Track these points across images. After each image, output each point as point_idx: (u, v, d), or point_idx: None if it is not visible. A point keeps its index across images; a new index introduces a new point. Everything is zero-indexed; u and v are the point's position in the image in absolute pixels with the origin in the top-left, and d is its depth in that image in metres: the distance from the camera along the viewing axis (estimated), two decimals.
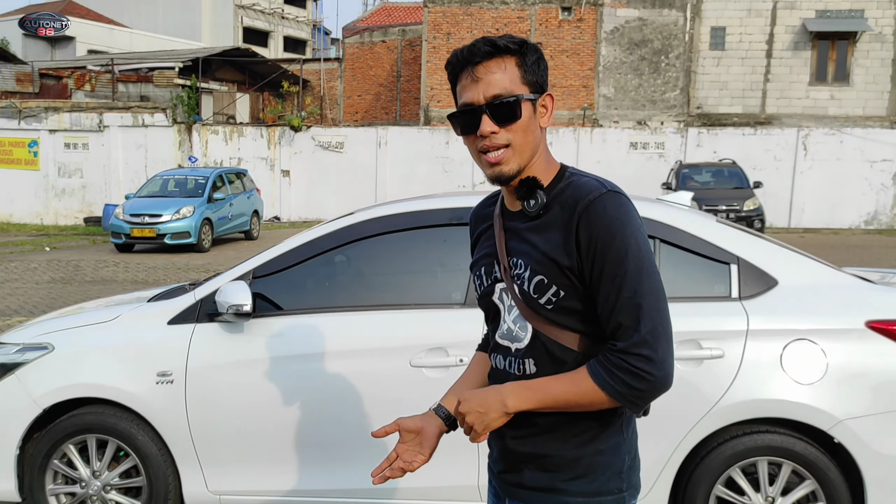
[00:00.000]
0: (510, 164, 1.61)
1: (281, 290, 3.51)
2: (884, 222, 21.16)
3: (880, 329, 3.12)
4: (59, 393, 3.52)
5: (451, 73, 1.65)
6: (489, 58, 1.59)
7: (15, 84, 25.67)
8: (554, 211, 1.61)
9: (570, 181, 1.64)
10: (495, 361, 1.74)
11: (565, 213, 1.59)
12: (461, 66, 1.62)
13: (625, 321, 1.52)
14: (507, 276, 1.67)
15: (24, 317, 8.63)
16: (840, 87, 23.96)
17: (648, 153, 21.88)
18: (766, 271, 3.27)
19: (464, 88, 1.62)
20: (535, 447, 1.65)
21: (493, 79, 1.58)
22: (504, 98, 1.58)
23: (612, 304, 1.53)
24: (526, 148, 1.62)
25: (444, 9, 25.11)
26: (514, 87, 1.59)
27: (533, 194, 1.63)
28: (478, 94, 1.59)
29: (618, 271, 1.53)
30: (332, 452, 3.36)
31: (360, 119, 30.11)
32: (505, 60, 1.59)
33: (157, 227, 15.45)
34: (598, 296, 1.55)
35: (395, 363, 3.26)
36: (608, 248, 1.53)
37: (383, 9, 37.11)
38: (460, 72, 1.63)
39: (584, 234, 1.55)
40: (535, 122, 1.63)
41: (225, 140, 23.08)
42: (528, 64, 1.61)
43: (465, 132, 1.63)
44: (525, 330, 1.66)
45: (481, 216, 1.83)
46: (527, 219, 1.65)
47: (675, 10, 24.30)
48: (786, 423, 3.16)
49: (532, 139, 1.62)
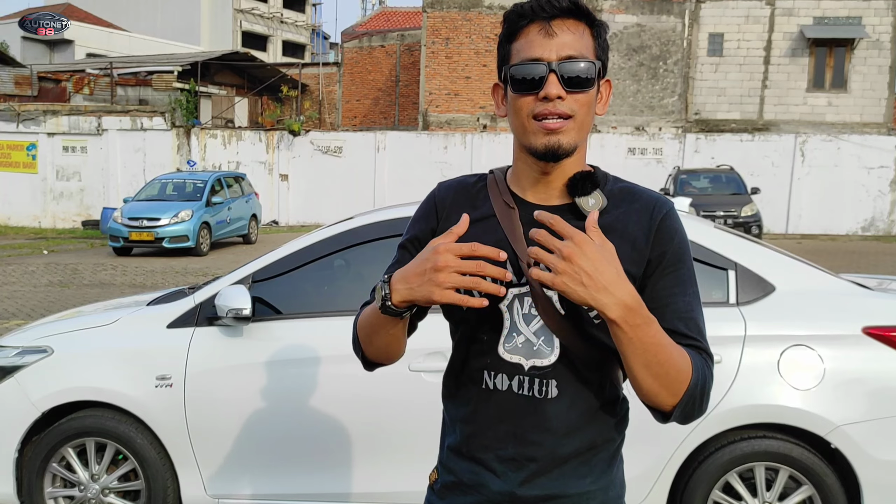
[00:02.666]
0: (570, 135, 1.39)
1: (280, 294, 3.52)
2: (881, 228, 21.20)
3: (877, 335, 3.13)
4: (58, 396, 3.53)
5: (513, 25, 1.41)
6: (569, 16, 1.39)
7: (13, 87, 25.67)
8: (615, 214, 1.43)
9: (621, 184, 1.48)
10: (494, 381, 1.44)
11: (637, 221, 1.42)
12: (529, 17, 1.39)
13: (689, 332, 1.40)
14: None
15: (22, 320, 8.63)
16: (837, 94, 24.03)
17: (646, 159, 21.92)
18: (764, 277, 3.29)
19: (530, 43, 1.38)
20: (548, 488, 1.42)
21: (570, 39, 1.38)
22: (580, 61, 1.37)
23: (675, 315, 1.40)
24: (585, 126, 1.41)
25: (442, 14, 25.16)
26: (589, 55, 1.40)
27: (591, 191, 1.43)
28: (550, 51, 1.37)
29: (688, 289, 1.43)
30: (330, 456, 3.37)
31: (359, 123, 30.14)
32: (582, 26, 1.41)
33: (155, 230, 15.44)
34: (659, 306, 1.39)
35: (393, 367, 3.25)
36: (679, 264, 1.44)
37: (382, 13, 37.18)
38: (527, 24, 1.39)
39: (658, 245, 1.42)
40: (595, 104, 1.44)
41: (223, 144, 23.09)
42: (602, 38, 1.43)
43: (523, 90, 1.39)
44: (551, 345, 1.41)
45: (461, 203, 1.52)
46: (577, 217, 1.40)
47: (674, 17, 24.37)
48: (783, 428, 3.17)
49: (591, 120, 1.43)
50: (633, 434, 3.18)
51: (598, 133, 22.98)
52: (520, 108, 1.40)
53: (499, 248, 1.32)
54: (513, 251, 1.41)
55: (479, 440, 1.45)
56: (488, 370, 1.44)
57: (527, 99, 1.39)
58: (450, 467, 1.51)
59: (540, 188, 1.46)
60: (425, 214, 1.55)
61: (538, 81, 1.37)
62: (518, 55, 1.40)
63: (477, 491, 1.45)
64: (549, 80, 1.36)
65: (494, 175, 1.54)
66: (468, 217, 1.36)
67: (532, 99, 1.38)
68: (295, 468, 3.40)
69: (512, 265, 1.41)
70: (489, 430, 1.44)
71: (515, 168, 1.51)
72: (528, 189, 1.48)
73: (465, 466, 1.47)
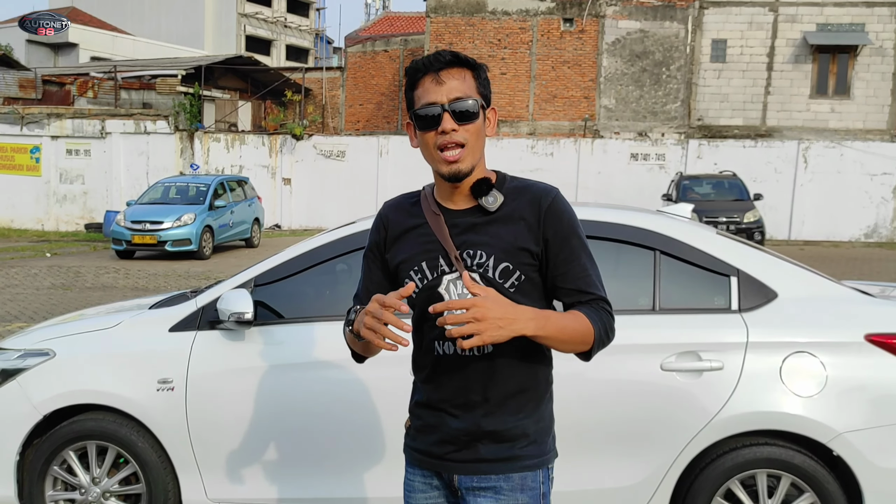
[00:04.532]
0: (465, 161, 1.83)
1: (282, 298, 3.52)
2: (884, 235, 21.17)
3: (880, 342, 3.13)
4: (59, 399, 3.53)
5: (412, 77, 1.85)
6: (452, 66, 1.83)
7: (18, 90, 25.74)
8: (512, 206, 1.87)
9: (515, 182, 1.92)
10: (443, 348, 1.87)
11: (530, 208, 1.86)
12: (424, 70, 1.83)
13: (587, 288, 1.86)
14: (460, 266, 1.83)
15: (24, 323, 8.64)
16: (840, 101, 24.02)
17: (649, 164, 21.91)
18: (766, 284, 3.28)
19: (426, 90, 1.82)
20: (492, 424, 1.86)
21: (456, 84, 1.82)
22: (465, 100, 1.81)
23: (575, 277, 1.86)
24: (477, 149, 1.85)
25: (446, 19, 25.21)
26: (472, 94, 1.84)
27: (488, 192, 1.87)
28: (441, 95, 1.80)
29: (579, 254, 1.87)
30: (331, 461, 3.37)
31: (362, 128, 30.17)
32: (464, 71, 1.84)
33: (158, 234, 15.46)
34: (561, 273, 1.86)
35: (394, 372, 3.26)
36: (570, 237, 1.87)
37: (386, 18, 37.23)
38: (423, 76, 1.83)
39: (550, 225, 1.85)
40: (483, 130, 1.87)
41: (226, 148, 23.12)
42: (482, 78, 1.87)
43: (426, 128, 1.83)
44: None
45: (400, 216, 1.97)
46: (484, 214, 1.87)
47: (677, 23, 24.39)
48: (785, 435, 3.16)
49: (481, 143, 1.87)
50: (636, 441, 3.19)
51: (601, 139, 23.01)
52: (426, 142, 1.85)
53: (431, 248, 1.87)
54: (442, 248, 1.87)
55: (438, 395, 1.90)
56: (438, 340, 1.88)
57: (429, 134, 1.83)
58: (418, 414, 1.97)
59: (454, 197, 1.91)
60: (376, 228, 2.02)
61: (436, 119, 1.81)
62: (419, 101, 1.83)
63: (440, 430, 1.91)
64: (444, 118, 1.80)
65: (425, 191, 1.98)
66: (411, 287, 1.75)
67: (433, 133, 1.82)
68: (296, 472, 3.40)
69: (443, 259, 1.86)
70: (444, 386, 1.89)
71: (437, 184, 1.95)
72: (447, 199, 1.92)
73: (430, 413, 1.93)
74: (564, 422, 2.94)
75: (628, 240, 3.35)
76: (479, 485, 1.88)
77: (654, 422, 3.18)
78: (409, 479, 2.00)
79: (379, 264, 1.99)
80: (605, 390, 3.18)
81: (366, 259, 2.02)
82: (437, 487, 1.95)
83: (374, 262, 1.99)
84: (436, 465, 1.93)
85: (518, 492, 1.88)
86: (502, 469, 1.87)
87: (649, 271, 3.32)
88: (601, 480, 3.21)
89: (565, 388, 2.35)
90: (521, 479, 1.88)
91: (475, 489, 1.89)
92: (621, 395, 3.19)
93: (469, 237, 1.86)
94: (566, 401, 2.76)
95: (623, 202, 14.71)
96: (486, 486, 1.88)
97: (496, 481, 1.87)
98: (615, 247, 3.33)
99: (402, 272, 1.92)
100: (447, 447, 1.90)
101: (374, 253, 2.00)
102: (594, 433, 3.20)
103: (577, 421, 3.14)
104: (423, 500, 1.97)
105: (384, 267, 1.98)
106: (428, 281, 1.87)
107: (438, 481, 1.95)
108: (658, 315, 3.28)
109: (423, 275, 1.88)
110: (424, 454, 1.95)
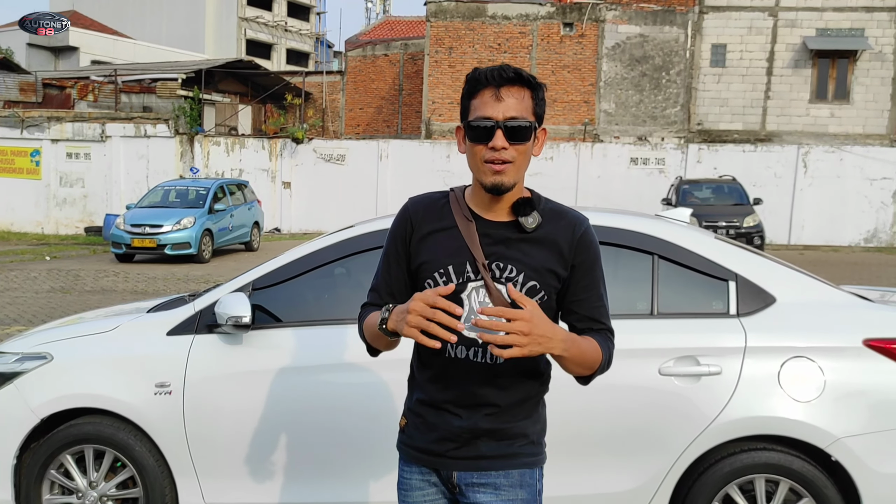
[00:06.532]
0: (510, 176, 1.84)
1: (280, 302, 3.51)
2: (883, 240, 21.17)
3: (878, 347, 3.13)
4: (57, 403, 3.52)
5: (472, 87, 1.85)
6: (513, 84, 1.83)
7: (18, 93, 25.75)
8: (547, 229, 1.90)
9: (551, 205, 1.95)
10: (455, 351, 1.89)
11: (563, 235, 1.90)
12: (485, 83, 1.83)
13: (600, 318, 1.95)
14: (486, 274, 1.86)
15: (23, 326, 8.63)
16: (840, 105, 24.06)
17: (649, 169, 21.92)
18: (765, 288, 3.28)
19: (484, 103, 1.82)
20: (496, 423, 1.92)
21: (513, 103, 1.82)
22: (520, 121, 1.82)
23: (591, 306, 1.94)
24: (523, 168, 1.88)
25: (446, 23, 25.24)
26: (527, 115, 1.84)
27: (529, 212, 1.89)
28: (498, 112, 1.81)
29: (598, 284, 1.95)
30: (329, 465, 3.36)
31: (362, 132, 30.20)
32: (524, 90, 1.84)
33: (157, 237, 15.46)
34: (579, 299, 1.93)
35: (393, 376, 3.26)
36: (594, 267, 1.94)
37: (386, 22, 37.30)
38: (483, 88, 1.83)
39: (579, 254, 1.91)
40: (531, 149, 1.89)
41: (227, 151, 23.14)
42: (539, 98, 1.87)
43: (477, 140, 1.84)
44: None
45: (429, 216, 1.96)
46: (519, 231, 1.89)
47: (677, 27, 24.43)
48: (783, 440, 3.16)
49: (528, 162, 1.89)
50: (634, 445, 3.19)
51: (601, 143, 23.02)
52: (475, 153, 1.86)
53: (459, 253, 1.88)
54: (470, 254, 1.88)
55: (443, 395, 1.93)
56: (452, 344, 1.83)
57: (479, 146, 1.84)
58: (418, 412, 1.99)
59: (491, 208, 1.92)
60: (401, 223, 1.99)
61: (488, 134, 1.82)
62: (475, 112, 1.84)
63: (440, 428, 1.93)
64: (497, 135, 1.81)
65: (455, 193, 1.98)
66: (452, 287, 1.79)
67: (483, 147, 1.83)
68: (293, 476, 3.39)
69: (470, 265, 1.88)
70: (451, 387, 1.92)
71: (473, 190, 1.95)
72: (481, 208, 1.93)
73: (432, 412, 1.95)
74: (563, 426, 2.93)
75: (627, 244, 3.34)
76: (478, 481, 1.92)
77: (652, 426, 3.18)
78: (406, 477, 2.02)
79: (401, 259, 1.98)
80: (603, 395, 3.17)
81: (387, 254, 2.01)
82: (435, 484, 1.98)
83: (396, 257, 1.98)
84: (435, 463, 1.96)
85: (517, 488, 1.93)
86: (502, 465, 1.92)
87: (648, 276, 3.32)
88: (599, 485, 3.21)
89: (563, 392, 2.34)
90: (520, 476, 1.93)
91: (475, 485, 1.93)
92: (619, 399, 3.18)
93: (500, 250, 1.88)
94: (564, 405, 2.76)
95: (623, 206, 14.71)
96: (486, 483, 1.92)
97: (496, 477, 1.92)
98: (614, 251, 3.33)
99: (426, 272, 1.92)
100: (447, 444, 1.93)
101: (396, 247, 1.99)
102: (592, 437, 3.20)
103: (576, 425, 3.14)
104: (421, 497, 1.99)
105: (407, 262, 1.97)
106: (456, 285, 1.88)
107: (436, 478, 1.98)
108: (656, 319, 3.28)
109: (449, 278, 1.89)
110: (423, 451, 1.97)
